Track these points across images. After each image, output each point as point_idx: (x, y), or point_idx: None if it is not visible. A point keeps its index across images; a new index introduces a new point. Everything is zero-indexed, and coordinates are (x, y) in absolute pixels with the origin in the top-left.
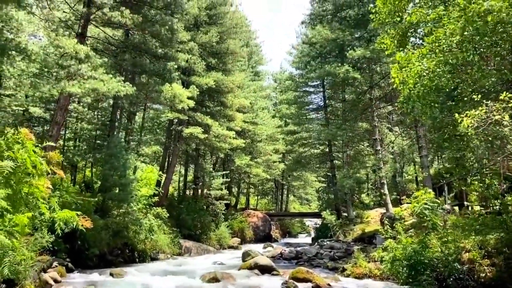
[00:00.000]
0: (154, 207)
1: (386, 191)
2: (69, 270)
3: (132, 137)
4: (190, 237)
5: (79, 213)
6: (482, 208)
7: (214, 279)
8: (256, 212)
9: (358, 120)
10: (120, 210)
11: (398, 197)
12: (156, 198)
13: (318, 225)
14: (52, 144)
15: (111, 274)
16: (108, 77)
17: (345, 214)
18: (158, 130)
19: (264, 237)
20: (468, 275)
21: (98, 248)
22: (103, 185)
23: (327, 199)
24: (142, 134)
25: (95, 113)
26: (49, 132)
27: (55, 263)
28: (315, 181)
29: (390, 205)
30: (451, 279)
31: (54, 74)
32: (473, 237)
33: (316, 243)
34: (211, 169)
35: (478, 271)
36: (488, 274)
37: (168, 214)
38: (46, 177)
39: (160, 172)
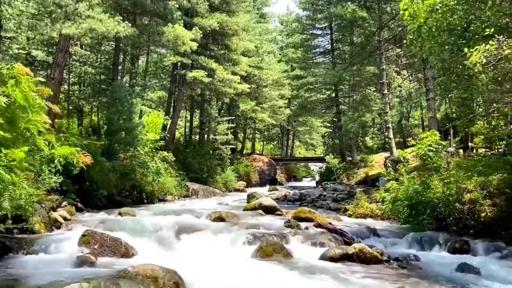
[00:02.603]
0: (160, 151)
1: (391, 135)
2: (79, 210)
3: (136, 81)
4: (197, 180)
5: (78, 149)
6: (487, 150)
7: (219, 218)
8: (261, 157)
9: (366, 63)
10: (127, 154)
11: (403, 141)
12: (162, 142)
13: (322, 169)
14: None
15: (120, 213)
16: (106, 16)
17: (350, 158)
18: (162, 75)
19: (269, 181)
20: (468, 215)
21: (106, 189)
22: (109, 129)
23: (332, 144)
24: (147, 78)
25: (98, 56)
26: (51, 75)
27: (64, 203)
28: (321, 126)
29: (394, 149)
30: (451, 218)
31: (52, 14)
32: (476, 178)
33: (319, 186)
34: (217, 114)
35: (479, 211)
36: (488, 214)
37: (174, 158)
38: (43, 113)
39: (166, 117)
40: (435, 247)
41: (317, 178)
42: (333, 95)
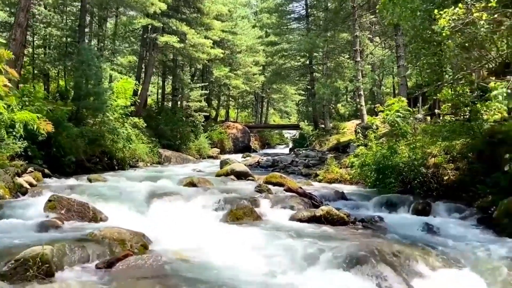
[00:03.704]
0: (131, 117)
1: (363, 102)
2: (46, 176)
3: (105, 45)
4: (170, 147)
5: (39, 115)
6: (452, 116)
7: (191, 184)
8: (235, 124)
9: (340, 30)
10: (96, 119)
11: (375, 108)
12: (132, 108)
13: (296, 137)
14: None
15: (89, 179)
16: None
17: (323, 125)
18: (132, 39)
19: (243, 148)
20: (432, 178)
21: (75, 155)
22: (77, 94)
23: (306, 111)
24: (116, 42)
25: (63, 17)
26: (12, 36)
27: (30, 169)
28: (295, 94)
29: (365, 116)
30: (416, 182)
31: None
32: (440, 143)
33: (292, 153)
34: (189, 80)
35: (442, 175)
36: (451, 177)
37: (146, 124)
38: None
39: (136, 83)
40: (399, 209)
41: (291, 145)
42: (307, 62)
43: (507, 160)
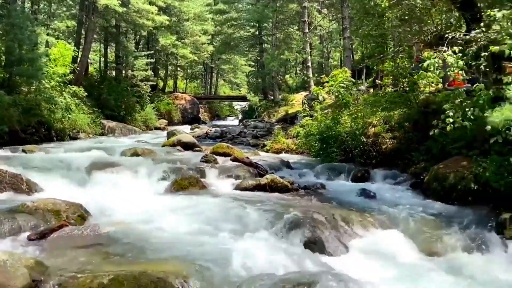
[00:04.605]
0: (70, 86)
1: (311, 74)
2: None
3: (39, 8)
4: (114, 118)
5: None
6: (393, 88)
7: (135, 154)
8: (184, 95)
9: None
10: (31, 87)
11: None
12: (71, 76)
13: (245, 108)
14: None
15: (24, 150)
16: None
17: (272, 97)
18: (70, 1)
19: (192, 120)
20: (371, 147)
21: (8, 125)
22: (8, 60)
23: (256, 83)
24: (52, 5)
25: None
26: None
27: None
28: (245, 65)
29: (313, 88)
30: (357, 150)
31: None
32: (380, 113)
33: (241, 124)
34: (134, 48)
35: (381, 143)
36: (389, 145)
37: (86, 94)
38: None
39: (75, 49)
40: (340, 176)
41: (240, 116)
42: (257, 32)
43: (435, 126)
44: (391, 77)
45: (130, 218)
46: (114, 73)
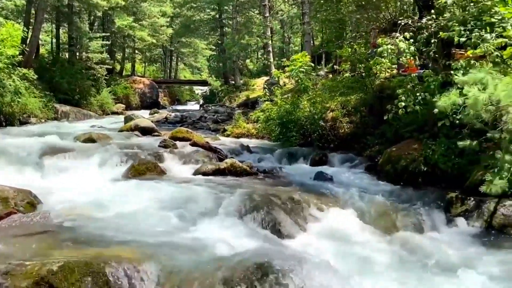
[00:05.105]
0: (19, 68)
1: (271, 59)
2: None
3: None
4: (68, 102)
5: None
6: (350, 73)
7: (90, 140)
8: (142, 78)
9: None
10: None
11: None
12: (21, 57)
13: (206, 93)
14: None
15: None
16: None
17: (233, 82)
18: None
19: (151, 104)
20: (330, 131)
21: None
22: None
23: (217, 67)
24: None
25: None
26: None
27: None
28: (206, 49)
29: (273, 72)
30: (316, 135)
31: None
32: (338, 98)
33: (202, 109)
34: (88, 29)
35: (338, 128)
36: (346, 130)
37: (37, 76)
38: None
39: (25, 29)
40: (299, 160)
41: (201, 101)
42: (217, 16)
43: (389, 111)
44: (349, 62)
45: (83, 204)
46: (67, 55)
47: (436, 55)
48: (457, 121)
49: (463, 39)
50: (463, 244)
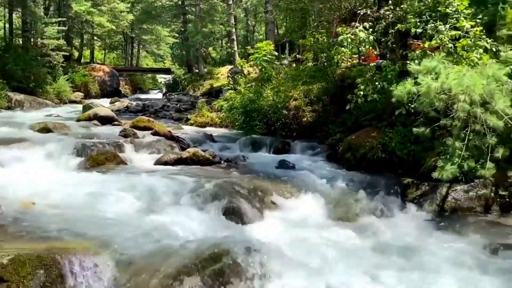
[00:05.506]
0: None
1: (235, 47)
2: None
3: None
4: (22, 90)
5: None
6: (313, 62)
7: (45, 129)
8: (102, 66)
9: None
10: None
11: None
12: None
13: (170, 81)
14: None
15: None
16: None
17: (197, 70)
18: None
19: (111, 93)
20: (292, 120)
21: None
22: None
23: (181, 55)
24: None
25: None
26: None
27: None
28: (168, 36)
29: (237, 60)
30: (279, 123)
31: None
32: (301, 87)
33: (164, 97)
34: (43, 14)
35: (301, 116)
36: (309, 118)
37: None
38: None
39: None
40: (262, 149)
41: (164, 90)
42: (180, 2)
43: (350, 100)
44: (312, 52)
45: (36, 196)
46: (21, 41)
47: (394, 45)
48: (413, 110)
49: (419, 30)
50: (417, 227)
